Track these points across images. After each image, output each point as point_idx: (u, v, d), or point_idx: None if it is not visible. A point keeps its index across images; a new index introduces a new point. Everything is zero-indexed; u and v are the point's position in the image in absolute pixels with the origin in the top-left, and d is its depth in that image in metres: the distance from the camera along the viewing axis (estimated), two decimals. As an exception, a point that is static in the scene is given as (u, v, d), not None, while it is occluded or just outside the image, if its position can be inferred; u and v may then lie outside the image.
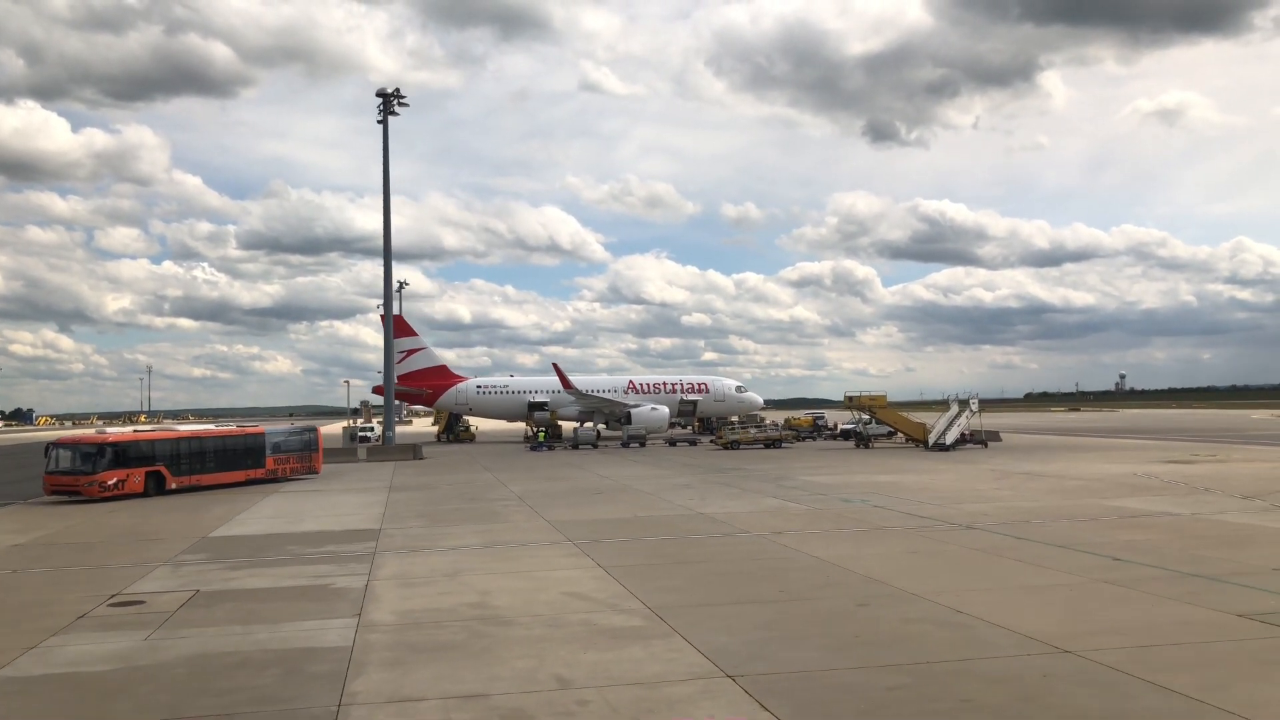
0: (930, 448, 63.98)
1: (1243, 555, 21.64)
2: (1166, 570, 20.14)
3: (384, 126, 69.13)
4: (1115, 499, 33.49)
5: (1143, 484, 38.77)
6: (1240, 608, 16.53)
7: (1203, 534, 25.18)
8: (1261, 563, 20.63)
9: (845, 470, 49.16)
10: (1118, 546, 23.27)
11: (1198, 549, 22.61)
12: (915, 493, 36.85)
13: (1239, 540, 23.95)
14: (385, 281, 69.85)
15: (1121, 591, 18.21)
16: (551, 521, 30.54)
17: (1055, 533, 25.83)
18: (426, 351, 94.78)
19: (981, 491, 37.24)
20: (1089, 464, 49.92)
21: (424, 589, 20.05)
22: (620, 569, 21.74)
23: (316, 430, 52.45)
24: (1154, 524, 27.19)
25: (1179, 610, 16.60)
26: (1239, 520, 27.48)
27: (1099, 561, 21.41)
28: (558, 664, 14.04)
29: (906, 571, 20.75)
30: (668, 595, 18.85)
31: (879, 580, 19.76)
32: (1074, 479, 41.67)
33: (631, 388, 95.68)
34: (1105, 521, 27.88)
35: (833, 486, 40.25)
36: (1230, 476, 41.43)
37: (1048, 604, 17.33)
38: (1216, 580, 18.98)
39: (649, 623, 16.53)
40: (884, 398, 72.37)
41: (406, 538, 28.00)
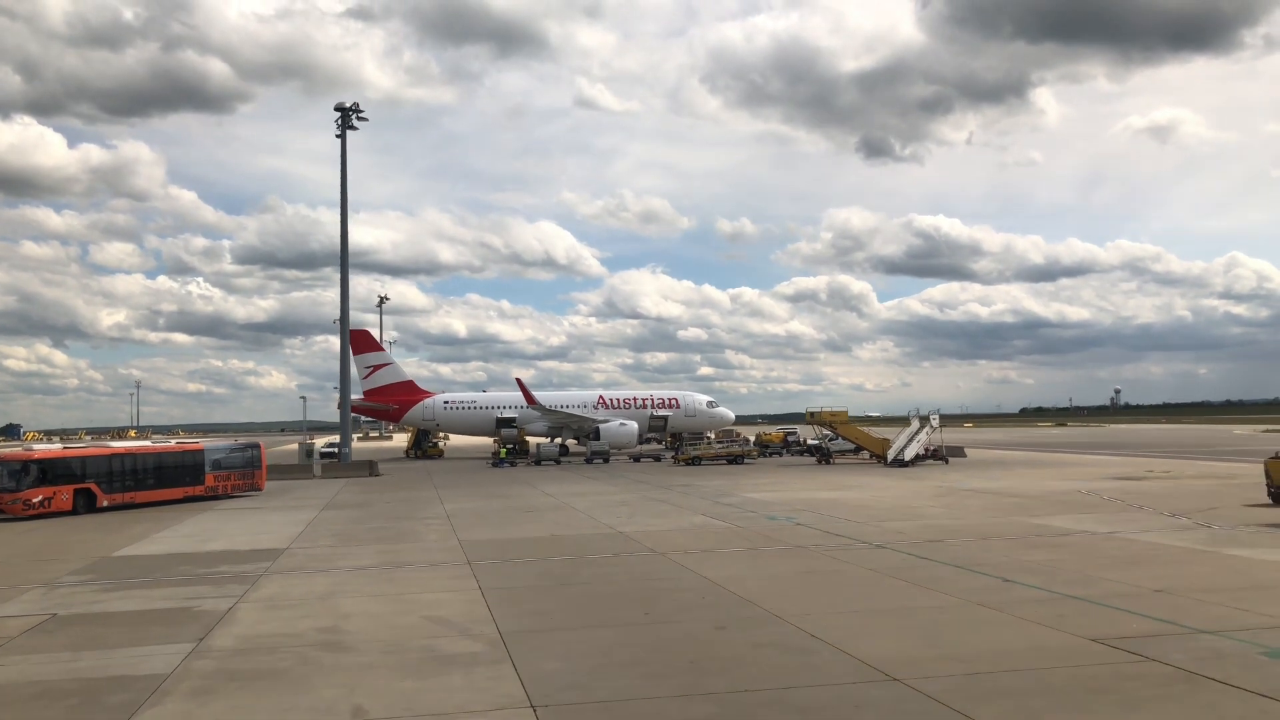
0: (889, 464, 63.53)
1: (1133, 576, 21.17)
2: (1049, 592, 19.67)
3: (342, 140, 68.87)
4: (1044, 517, 33.04)
5: (1080, 501, 38.34)
6: (1100, 632, 16.07)
7: (1108, 554, 24.72)
8: (1148, 584, 20.17)
9: (790, 487, 48.66)
10: (1015, 567, 22.82)
11: (1093, 569, 22.15)
12: (848, 510, 36.38)
13: (1139, 560, 23.49)
14: (342, 295, 69.37)
15: (991, 615, 17.75)
16: (463, 541, 30.02)
17: (961, 552, 25.36)
18: (393, 367, 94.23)
19: (914, 509, 36.77)
20: (1038, 480, 49.49)
21: (287, 612, 19.52)
22: (500, 591, 21.25)
23: (260, 447, 51.84)
24: (1065, 543, 26.74)
25: (1038, 634, 16.14)
26: (1151, 539, 27.03)
27: (988, 583, 20.95)
28: (367, 693, 13.53)
29: (787, 593, 20.28)
30: (530, 619, 18.38)
31: (753, 602, 19.27)
32: (1014, 496, 41.23)
33: (601, 403, 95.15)
34: (1019, 541, 27.42)
35: (769, 504, 39.75)
36: (1171, 493, 41.01)
37: (908, 628, 16.85)
38: (1093, 602, 18.52)
39: (490, 648, 16.02)
40: (845, 413, 71.97)
41: (307, 557, 27.47)
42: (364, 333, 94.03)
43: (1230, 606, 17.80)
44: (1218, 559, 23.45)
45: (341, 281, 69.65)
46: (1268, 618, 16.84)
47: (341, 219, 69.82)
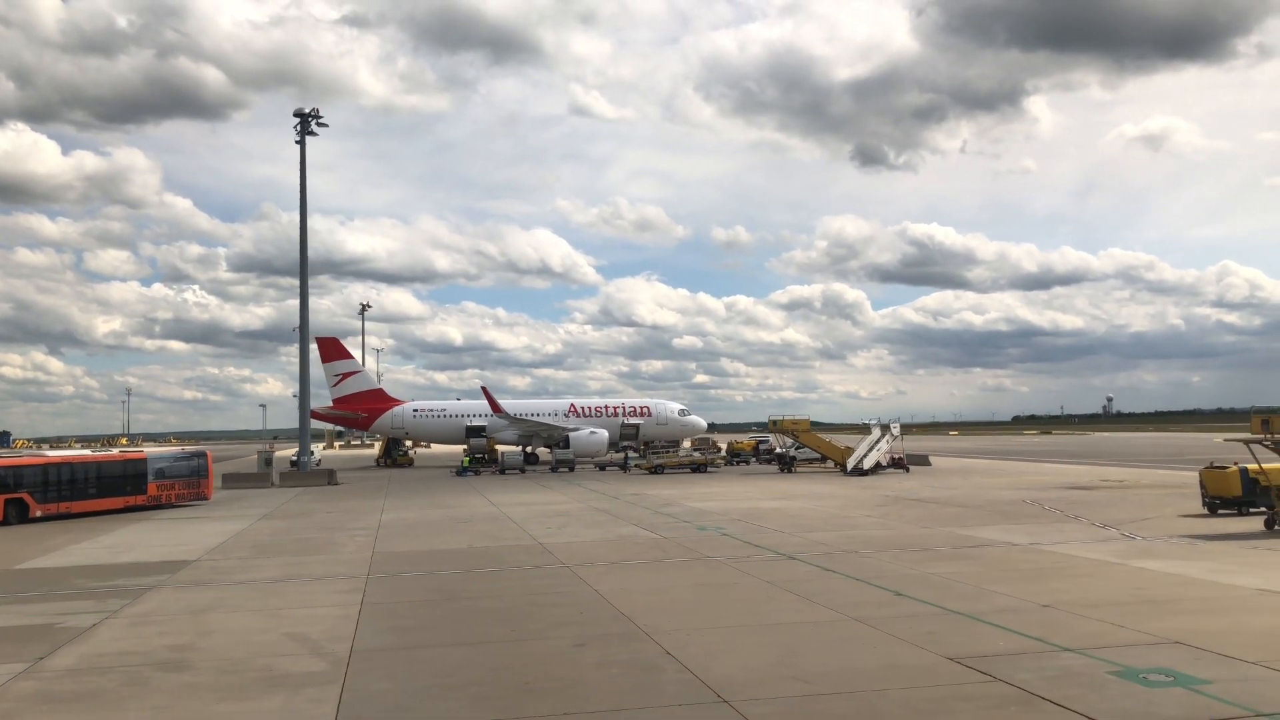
0: (849, 472, 63.08)
1: (1028, 590, 20.73)
2: (934, 607, 19.23)
3: (301, 146, 68.40)
4: (975, 527, 32.62)
5: (1019, 511, 37.93)
6: (963, 650, 15.64)
7: (1016, 566, 24.30)
8: (1039, 599, 19.73)
9: (738, 497, 48.18)
10: (915, 580, 22.38)
11: (991, 583, 21.71)
12: (782, 520, 35.93)
13: (1043, 574, 23.05)
14: (301, 304, 68.95)
15: (863, 631, 17.29)
16: (377, 553, 29.52)
17: (870, 565, 24.92)
18: (363, 374, 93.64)
19: (849, 519, 36.35)
20: (989, 489, 49.09)
21: (150, 628, 19.01)
22: (380, 606, 20.78)
23: (206, 455, 51.27)
24: (980, 555, 26.32)
25: (898, 653, 15.69)
26: (1067, 551, 26.62)
27: (879, 597, 20.51)
28: (175, 717, 13.04)
29: (670, 608, 19.83)
30: (393, 636, 17.92)
31: (630, 618, 18.80)
32: (956, 505, 40.80)
33: (573, 411, 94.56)
34: (934, 552, 27.00)
35: (708, 513, 39.29)
36: (1114, 502, 40.66)
37: (772, 645, 16.38)
38: (973, 618, 18.08)
39: (332, 668, 15.53)
40: (806, 422, 71.52)
41: (211, 570, 26.95)
42: (333, 340, 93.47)
43: (1109, 622, 17.38)
44: (1122, 572, 23.03)
45: (301, 290, 69.29)
46: (1140, 634, 16.42)
47: (301, 226, 69.47)
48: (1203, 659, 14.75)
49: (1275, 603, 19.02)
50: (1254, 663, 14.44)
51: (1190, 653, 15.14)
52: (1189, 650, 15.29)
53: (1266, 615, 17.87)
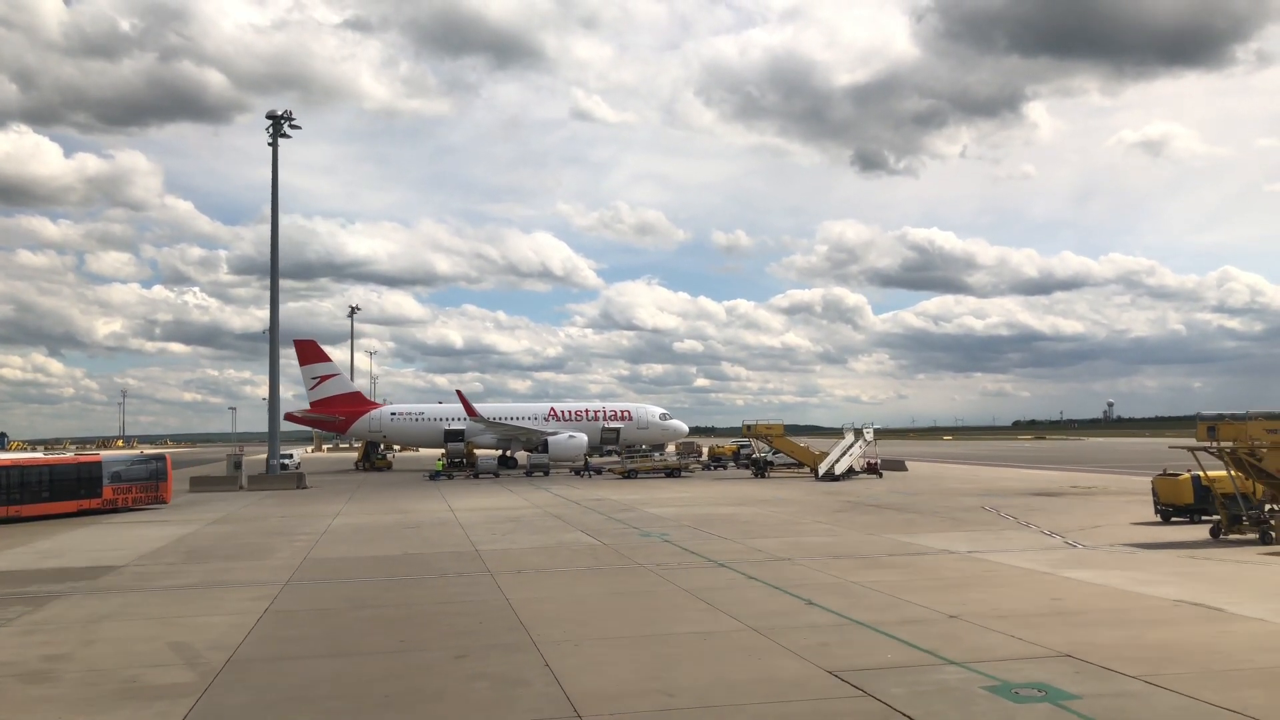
0: (820, 478, 62.68)
1: (943, 599, 20.33)
2: (839, 617, 18.83)
3: (274, 148, 68.07)
4: (921, 534, 32.24)
5: (973, 518, 37.55)
6: (849, 663, 15.25)
7: (943, 575, 23.92)
8: (949, 609, 19.33)
9: (698, 502, 47.78)
10: (833, 589, 22.00)
11: (910, 592, 21.30)
12: (731, 527, 35.53)
13: (967, 583, 22.67)
14: (272, 307, 68.43)
15: (756, 642, 16.88)
16: (309, 559, 29.13)
17: (795, 572, 24.52)
18: (340, 378, 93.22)
19: (799, 525, 35.96)
20: (952, 497, 48.67)
21: (36, 637, 18.61)
22: (283, 615, 20.41)
23: (165, 459, 50.85)
24: (911, 564, 25.93)
25: (781, 665, 15.29)
26: (1002, 559, 26.22)
27: (789, 606, 20.13)
28: (9, 731, 12.67)
29: (571, 618, 19.44)
30: (279, 646, 17.58)
31: (526, 628, 18.40)
32: (910, 512, 40.41)
33: (553, 415, 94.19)
34: (867, 560, 26.61)
35: (660, 519, 38.89)
36: (1071, 509, 40.31)
37: (655, 657, 15.97)
38: (873, 629, 17.68)
39: (198, 679, 15.12)
40: (780, 427, 71.14)
41: (133, 576, 26.54)
42: (310, 343, 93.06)
43: (1009, 634, 16.98)
44: (1046, 582, 22.63)
45: (271, 293, 68.80)
46: (1036, 647, 16.02)
47: (273, 230, 69.03)
48: (1085, 673, 14.37)
49: (1186, 614, 18.63)
50: (1134, 676, 14.06)
51: (1075, 666, 14.76)
52: (1075, 664, 14.91)
53: (1169, 627, 17.47)
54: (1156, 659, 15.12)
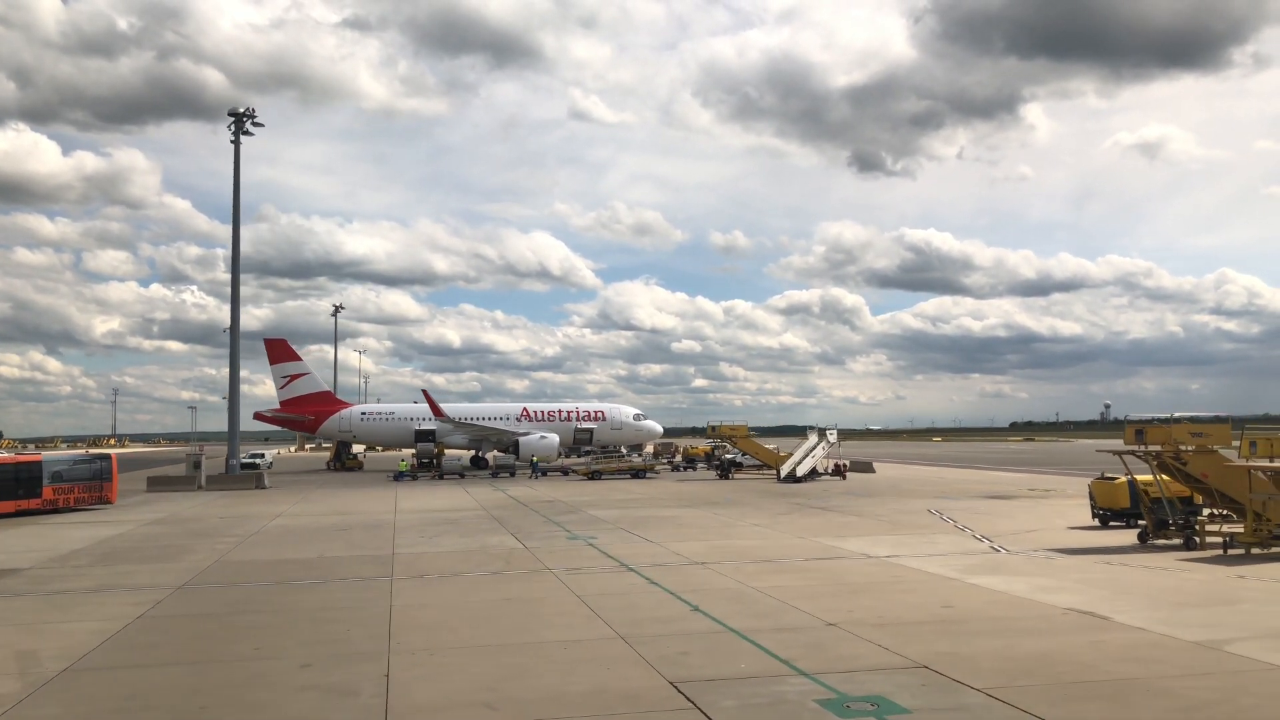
0: (782, 479, 62.20)
1: (831, 606, 19.85)
2: (718, 624, 18.34)
3: (235, 145, 67.36)
4: (849, 538, 31.75)
5: (912, 521, 37.08)
6: (698, 673, 14.79)
7: (847, 580, 23.44)
8: (832, 616, 18.84)
9: (646, 503, 47.28)
10: (730, 594, 21.54)
11: (804, 598, 20.80)
12: (663, 529, 35.04)
13: (869, 589, 22.19)
14: (233, 305, 67.80)
15: (617, 651, 16.37)
16: (220, 562, 28.62)
17: (702, 577, 24.03)
18: (310, 377, 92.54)
19: (734, 529, 35.48)
20: (910, 499, 48.24)
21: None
22: (153, 620, 19.94)
23: (111, 458, 50.26)
24: (823, 568, 25.47)
25: (628, 675, 14.79)
26: (917, 564, 25.73)
27: (675, 612, 19.65)
28: None
29: (443, 625, 18.98)
30: (124, 654, 17.10)
31: (391, 635, 17.89)
32: (854, 515, 39.95)
33: (525, 415, 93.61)
34: (781, 565, 26.14)
35: (598, 521, 38.39)
36: (1016, 512, 39.92)
37: (505, 667, 15.45)
38: (744, 636, 17.19)
39: (21, 689, 14.60)
40: (744, 428, 70.76)
41: (30, 580, 25.95)
42: (280, 342, 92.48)
43: (877, 644, 16.49)
44: (948, 588, 22.15)
45: (232, 291, 68.15)
46: (898, 657, 15.54)
47: (234, 226, 68.43)
48: (931, 686, 13.88)
49: (1069, 623, 18.15)
50: (979, 689, 13.58)
51: (926, 679, 14.28)
52: (928, 676, 14.43)
53: (1046, 637, 16.98)
54: (1014, 670, 14.65)
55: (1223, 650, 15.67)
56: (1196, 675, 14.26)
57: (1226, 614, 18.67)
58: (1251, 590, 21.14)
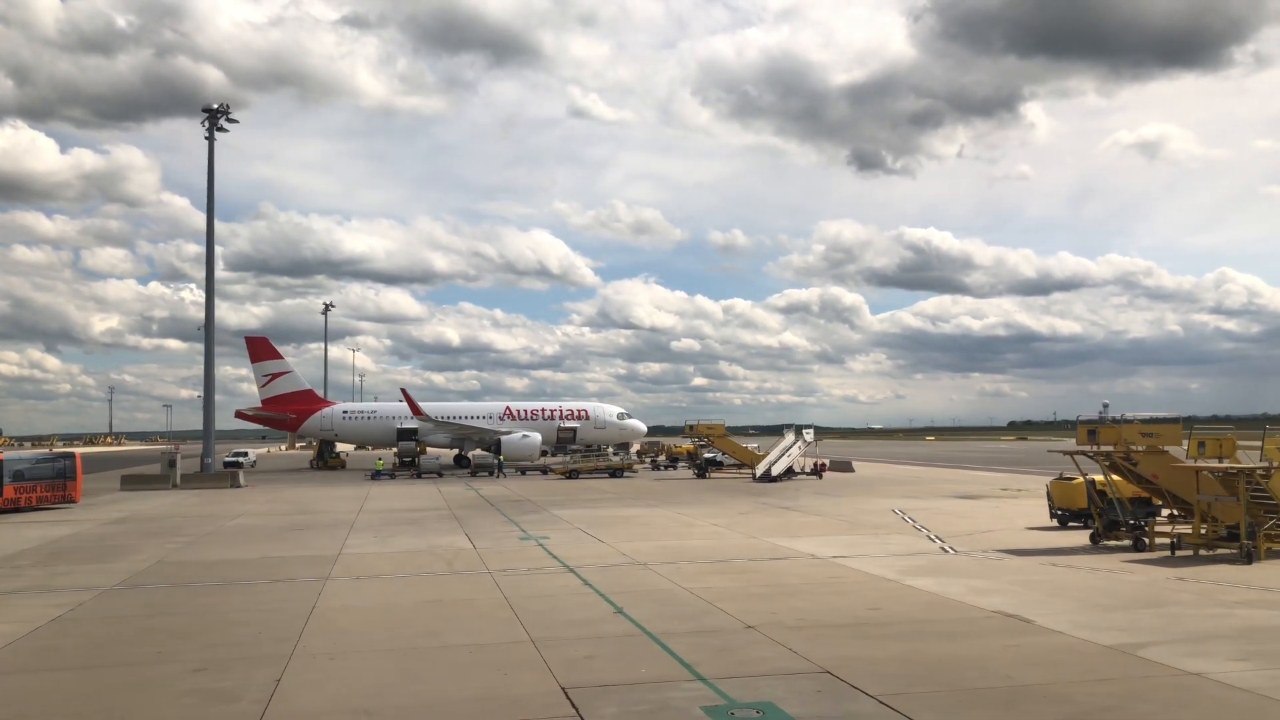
0: (757, 479, 61.88)
1: (760, 608, 19.53)
2: (635, 628, 18.01)
3: (210, 142, 67.15)
4: (803, 538, 31.44)
5: (872, 521, 36.78)
6: (596, 678, 14.46)
7: (785, 581, 23.11)
8: (755, 619, 18.50)
9: (608, 504, 46.98)
10: (662, 596, 21.24)
11: (733, 600, 20.48)
12: (620, 529, 34.76)
13: (803, 590, 21.88)
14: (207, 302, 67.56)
15: (522, 654, 16.03)
16: (160, 563, 28.33)
17: (641, 579, 23.74)
18: (292, 375, 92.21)
19: (691, 528, 35.18)
20: (873, 498, 47.93)
21: None
22: (66, 623, 19.58)
23: (75, 457, 49.93)
24: (765, 569, 25.17)
25: (520, 679, 14.46)
26: (858, 566, 25.41)
27: (598, 615, 19.34)
28: None
29: (363, 628, 18.68)
30: (26, 658, 16.71)
31: (300, 638, 17.55)
32: (815, 515, 39.66)
33: (508, 414, 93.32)
34: (726, 565, 25.83)
35: (557, 520, 38.10)
36: (979, 513, 39.62)
37: (399, 672, 15.11)
38: (656, 639, 16.86)
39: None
40: (721, 427, 70.41)
41: (-38, 580, 25.71)
42: (262, 340, 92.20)
43: (788, 648, 16.18)
44: (882, 589, 21.85)
45: (207, 289, 67.94)
46: (805, 661, 15.22)
47: (208, 224, 68.21)
48: (827, 692, 13.58)
49: (991, 626, 17.84)
50: (874, 696, 13.27)
51: (824, 684, 13.97)
52: (828, 681, 14.12)
53: (961, 641, 16.66)
54: (916, 675, 14.35)
55: (1134, 655, 15.38)
56: (1098, 680, 13.95)
57: (1151, 617, 18.37)
58: (1184, 593, 20.83)
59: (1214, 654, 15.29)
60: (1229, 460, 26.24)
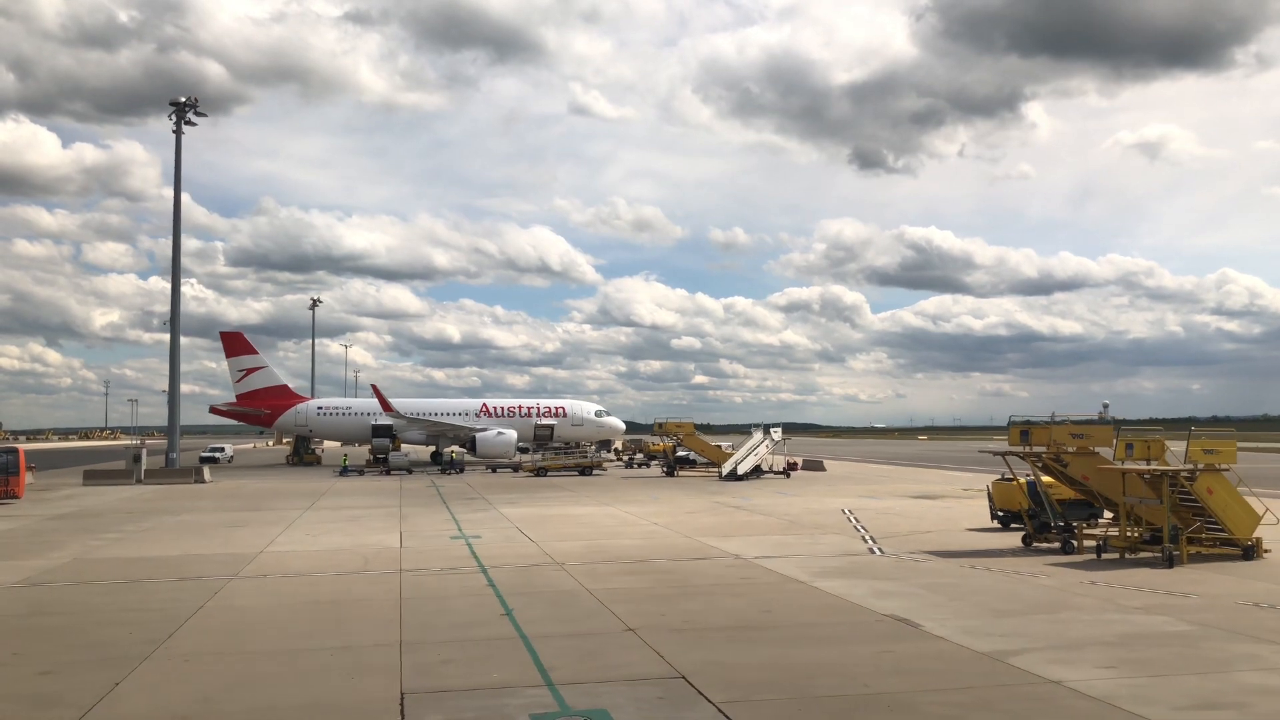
0: (724, 477, 61.48)
1: (652, 610, 19.05)
2: (514, 632, 17.60)
3: (177, 136, 66.63)
4: (737, 538, 31.03)
5: (816, 521, 36.36)
6: (443, 684, 14.04)
7: (692, 583, 22.66)
8: (639, 621, 18.05)
9: (569, 501, 46.61)
10: (558, 598, 20.85)
11: (629, 603, 20.00)
12: (562, 527, 34.42)
13: (706, 591, 21.47)
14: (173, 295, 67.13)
15: (382, 658, 15.57)
16: (77, 560, 27.90)
17: (549, 579, 23.34)
18: (267, 370, 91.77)
19: (630, 528, 34.77)
20: (829, 497, 47.55)
21: None
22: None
23: (17, 452, 49.56)
24: (681, 570, 24.72)
25: (364, 687, 14.01)
26: (774, 566, 24.98)
27: (485, 617, 18.89)
28: None
29: (240, 628, 18.26)
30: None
31: (171, 638, 17.10)
32: (762, 514, 39.26)
33: (485, 411, 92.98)
34: (639, 566, 25.40)
35: (501, 520, 37.68)
36: (929, 514, 39.26)
37: (247, 675, 14.69)
38: (528, 644, 16.42)
39: None
40: (690, 425, 70.07)
41: None
42: (237, 335, 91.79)
43: (656, 650, 15.75)
44: (786, 591, 21.44)
45: (173, 283, 67.48)
46: (666, 665, 14.80)
47: (175, 218, 67.71)
48: (669, 698, 13.13)
49: (874, 631, 17.38)
50: (716, 702, 12.83)
51: (671, 690, 13.55)
52: (677, 687, 13.69)
53: (837, 645, 16.21)
54: (769, 683, 13.92)
55: (1004, 662, 14.95)
56: (954, 689, 13.52)
57: (1042, 623, 17.92)
58: (1088, 598, 20.39)
59: (1083, 662, 14.87)
60: (1157, 462, 25.82)
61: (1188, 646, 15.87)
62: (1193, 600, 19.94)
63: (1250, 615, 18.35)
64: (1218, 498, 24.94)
